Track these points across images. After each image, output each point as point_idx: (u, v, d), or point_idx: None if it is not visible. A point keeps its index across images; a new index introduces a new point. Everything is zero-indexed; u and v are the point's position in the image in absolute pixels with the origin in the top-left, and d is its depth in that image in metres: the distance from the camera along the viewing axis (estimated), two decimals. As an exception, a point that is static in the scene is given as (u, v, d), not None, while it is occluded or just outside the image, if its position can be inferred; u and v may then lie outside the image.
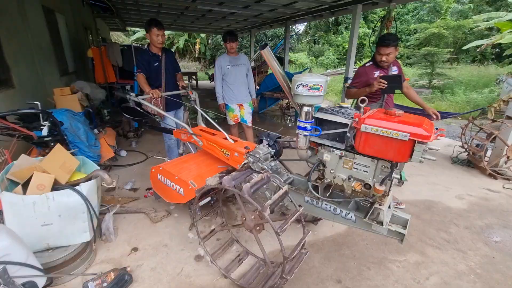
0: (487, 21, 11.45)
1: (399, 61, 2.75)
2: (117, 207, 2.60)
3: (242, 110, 3.87)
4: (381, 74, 2.64)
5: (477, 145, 3.97)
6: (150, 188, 3.13)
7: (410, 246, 2.36)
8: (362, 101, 1.69)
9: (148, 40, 3.09)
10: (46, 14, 4.66)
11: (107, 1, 6.80)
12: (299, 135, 1.77)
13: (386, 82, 2.51)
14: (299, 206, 1.81)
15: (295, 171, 2.57)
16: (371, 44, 3.43)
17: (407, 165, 4.04)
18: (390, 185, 1.61)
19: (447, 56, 11.70)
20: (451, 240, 2.44)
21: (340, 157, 1.67)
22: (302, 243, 1.69)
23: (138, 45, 8.18)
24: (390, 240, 2.41)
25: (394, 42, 2.55)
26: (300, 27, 23.46)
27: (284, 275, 1.59)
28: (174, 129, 2.86)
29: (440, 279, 2.02)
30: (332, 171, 1.73)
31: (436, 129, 1.51)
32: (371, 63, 2.77)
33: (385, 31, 3.17)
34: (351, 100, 3.51)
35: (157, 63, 3.13)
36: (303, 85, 1.57)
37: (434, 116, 2.70)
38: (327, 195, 1.89)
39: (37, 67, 4.06)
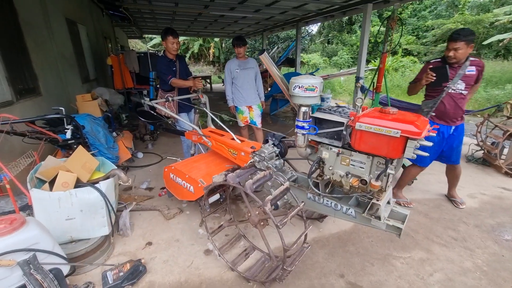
0: (509, 14, 10.97)
1: (483, 62, 2.49)
2: (133, 205, 2.78)
3: (251, 112, 3.99)
4: (431, 67, 2.56)
5: (493, 143, 3.86)
6: (164, 187, 3.30)
7: (416, 243, 2.37)
8: (359, 101, 1.75)
9: (164, 47, 3.31)
10: (69, 25, 5.00)
11: (125, 11, 7.16)
12: (297, 134, 1.86)
13: (434, 75, 2.47)
14: (302, 202, 1.88)
15: (303, 170, 2.65)
16: (380, 45, 3.43)
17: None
18: (387, 181, 1.65)
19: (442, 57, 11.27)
20: (458, 238, 2.43)
21: (338, 154, 1.74)
22: (302, 237, 1.77)
23: (154, 51, 8.51)
24: (396, 237, 2.43)
25: (465, 37, 2.35)
26: (314, 28, 23.37)
27: (285, 267, 1.67)
28: (185, 131, 3.01)
29: (445, 275, 2.03)
30: (330, 168, 1.80)
31: (431, 125, 1.56)
32: (439, 59, 2.65)
33: (391, 32, 3.17)
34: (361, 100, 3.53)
35: (174, 68, 3.36)
36: (299, 87, 1.65)
37: None
38: (329, 191, 1.95)
39: (61, 75, 4.37)
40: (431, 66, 2.59)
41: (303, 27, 13.56)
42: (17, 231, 1.52)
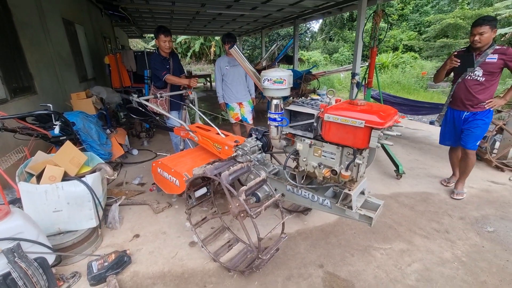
0: (511, 8, 10.82)
1: (510, 50, 2.48)
2: (123, 199, 2.85)
3: (242, 109, 4.04)
4: (456, 53, 2.71)
5: (484, 137, 3.85)
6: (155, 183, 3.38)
7: (398, 235, 2.40)
8: (330, 93, 1.79)
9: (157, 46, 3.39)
10: (66, 25, 5.09)
11: (123, 11, 7.24)
12: (270, 126, 1.90)
13: (459, 61, 2.60)
14: (279, 193, 1.96)
15: (289, 164, 2.68)
16: (369, 40, 3.44)
17: (409, 158, 4.03)
18: (358, 171, 1.69)
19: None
20: (441, 230, 2.45)
21: (310, 145, 1.78)
22: (277, 227, 1.80)
23: (151, 50, 8.60)
24: (378, 229, 2.47)
25: (489, 22, 2.44)
26: (315, 25, 23.28)
27: (260, 255, 1.72)
28: (174, 127, 3.07)
29: (423, 265, 2.06)
30: (304, 159, 1.85)
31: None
32: (464, 49, 2.82)
33: (386, 27, 3.18)
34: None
35: (168, 66, 3.42)
36: (268, 80, 1.69)
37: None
38: (307, 183, 2.00)
39: (57, 74, 4.46)
40: (456, 53, 2.71)
41: (302, 24, 13.53)
42: (1, 221, 1.60)
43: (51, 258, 1.86)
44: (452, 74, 2.95)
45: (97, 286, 1.92)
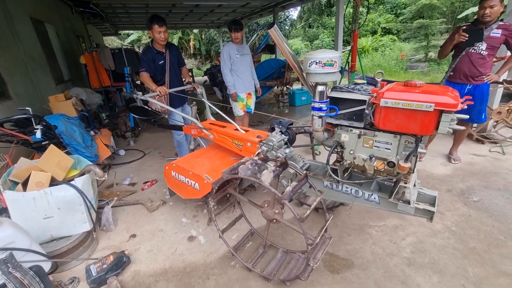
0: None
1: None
2: (115, 200, 2.79)
3: (249, 100, 3.89)
4: (464, 27, 2.73)
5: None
6: (147, 182, 3.32)
7: (390, 212, 2.47)
8: (379, 75, 1.60)
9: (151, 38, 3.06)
10: (35, 25, 4.82)
11: (95, 7, 6.92)
12: (314, 116, 1.70)
13: (467, 35, 2.62)
14: (319, 191, 1.75)
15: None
16: (348, 25, 3.46)
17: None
18: (415, 162, 1.53)
19: (442, 27, 11.46)
20: (430, 204, 2.55)
21: (359, 136, 1.60)
22: (324, 229, 1.67)
23: (129, 47, 8.32)
24: (371, 208, 2.54)
25: None
26: (294, 13, 23.16)
27: (310, 263, 1.56)
28: (183, 125, 2.86)
29: (416, 238, 2.15)
30: (351, 152, 1.66)
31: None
32: (469, 24, 2.85)
33: (357, 10, 3.20)
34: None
35: (162, 61, 3.10)
36: (316, 62, 1.49)
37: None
38: (347, 178, 1.84)
39: (32, 77, 4.24)
40: (464, 27, 2.72)
41: (281, 12, 13.42)
42: (-10, 231, 1.53)
43: (47, 266, 1.81)
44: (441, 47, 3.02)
45: (98, 289, 1.89)
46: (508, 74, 4.33)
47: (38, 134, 2.34)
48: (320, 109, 1.65)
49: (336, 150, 1.76)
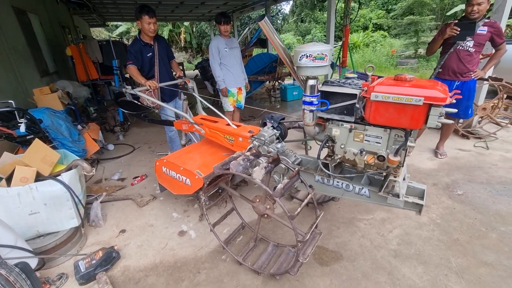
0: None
1: (498, 23, 2.70)
2: (104, 195, 2.75)
3: (239, 95, 3.82)
4: (456, 21, 2.75)
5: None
6: (137, 177, 3.28)
7: (378, 205, 2.53)
8: (370, 69, 1.59)
9: (139, 29, 2.93)
10: (17, 15, 4.62)
11: (81, -3, 6.71)
12: (305, 110, 1.70)
13: (458, 29, 2.64)
14: (310, 187, 1.74)
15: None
16: (340, 20, 3.46)
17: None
18: (405, 155, 1.55)
19: (432, 24, 11.62)
20: (417, 197, 2.62)
21: (350, 130, 1.61)
22: (315, 225, 1.68)
23: (117, 39, 8.11)
24: (360, 202, 2.59)
25: None
26: (286, 7, 23.00)
27: (299, 259, 1.56)
28: (174, 120, 2.82)
29: (402, 230, 2.21)
30: (342, 146, 1.67)
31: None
32: (458, 20, 2.88)
33: (349, 5, 3.21)
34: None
35: (150, 53, 2.99)
36: (307, 56, 1.49)
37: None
38: (338, 172, 1.86)
39: (14, 70, 4.09)
40: (456, 21, 2.75)
41: (273, 6, 13.31)
42: (-28, 228, 1.49)
43: (33, 262, 1.78)
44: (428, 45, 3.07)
45: (86, 284, 1.87)
46: (494, 71, 4.45)
47: (22, 128, 2.27)
48: (311, 103, 1.65)
49: (327, 144, 1.76)
